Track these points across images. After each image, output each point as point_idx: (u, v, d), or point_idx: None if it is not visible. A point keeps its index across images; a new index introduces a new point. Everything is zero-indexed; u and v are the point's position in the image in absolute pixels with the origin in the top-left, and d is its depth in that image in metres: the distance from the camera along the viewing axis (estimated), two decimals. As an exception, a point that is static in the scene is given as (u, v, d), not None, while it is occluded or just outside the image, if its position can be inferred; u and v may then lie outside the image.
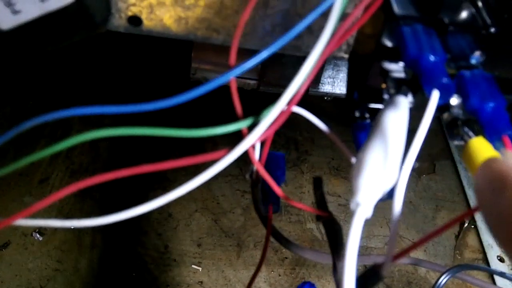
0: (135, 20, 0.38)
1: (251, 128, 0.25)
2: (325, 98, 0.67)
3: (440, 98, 0.24)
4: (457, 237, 0.73)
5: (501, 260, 0.70)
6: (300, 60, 0.77)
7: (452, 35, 0.28)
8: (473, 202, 0.77)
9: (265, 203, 0.36)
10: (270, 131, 0.24)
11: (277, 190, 0.29)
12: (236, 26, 0.37)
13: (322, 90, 0.65)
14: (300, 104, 0.46)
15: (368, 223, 0.73)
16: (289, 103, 0.25)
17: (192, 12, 0.37)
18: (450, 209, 0.76)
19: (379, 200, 0.28)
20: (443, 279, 0.40)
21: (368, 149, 0.24)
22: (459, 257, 0.70)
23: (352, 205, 0.23)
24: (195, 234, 0.68)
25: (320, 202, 0.30)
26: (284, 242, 0.38)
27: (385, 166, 0.24)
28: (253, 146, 0.27)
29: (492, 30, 0.28)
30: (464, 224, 0.74)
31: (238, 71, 0.24)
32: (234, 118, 0.26)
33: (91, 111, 0.23)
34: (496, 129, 0.25)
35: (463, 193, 0.79)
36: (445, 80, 0.24)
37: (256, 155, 0.32)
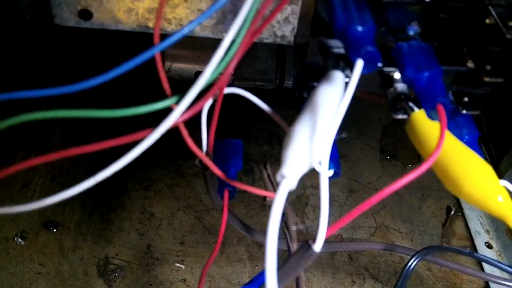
0: (85, 14, 0.37)
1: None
2: (302, 90, 0.67)
3: (365, 67, 0.23)
4: (444, 225, 0.72)
5: (489, 246, 0.69)
6: (273, 54, 0.76)
7: (388, 7, 0.28)
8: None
9: (221, 189, 0.36)
10: (196, 109, 0.24)
11: (220, 174, 0.29)
12: (186, 15, 0.37)
13: (297, 82, 0.64)
14: (280, 98, 0.46)
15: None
16: (217, 83, 0.25)
17: (142, 2, 0.37)
18: (436, 198, 0.75)
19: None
20: (413, 262, 0.40)
21: (297, 123, 0.24)
22: (447, 245, 0.69)
23: (277, 178, 0.23)
24: (178, 232, 0.67)
25: (268, 184, 0.30)
26: (244, 228, 0.38)
27: (313, 139, 0.23)
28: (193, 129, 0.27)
29: None
30: (451, 212, 0.73)
31: (163, 45, 0.24)
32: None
33: (11, 97, 0.23)
34: (430, 97, 0.25)
35: (449, 181, 0.78)
36: (369, 48, 0.23)
37: (203, 141, 0.32)
